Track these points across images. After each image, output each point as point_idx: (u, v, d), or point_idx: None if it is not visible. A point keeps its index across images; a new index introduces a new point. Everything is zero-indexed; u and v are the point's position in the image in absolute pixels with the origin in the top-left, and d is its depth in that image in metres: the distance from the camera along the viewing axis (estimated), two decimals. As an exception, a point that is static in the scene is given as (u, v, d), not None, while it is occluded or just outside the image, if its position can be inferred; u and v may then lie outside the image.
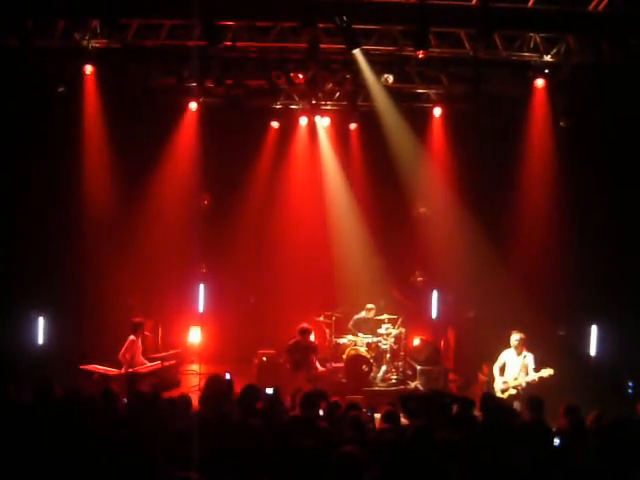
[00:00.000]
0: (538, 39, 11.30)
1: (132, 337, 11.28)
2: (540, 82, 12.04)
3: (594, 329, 12.38)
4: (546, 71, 11.86)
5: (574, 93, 12.15)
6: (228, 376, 8.10)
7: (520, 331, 10.31)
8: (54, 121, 12.17)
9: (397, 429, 6.33)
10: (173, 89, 12.95)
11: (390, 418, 6.67)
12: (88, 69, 11.77)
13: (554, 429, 6.66)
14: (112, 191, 13.24)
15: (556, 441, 6.33)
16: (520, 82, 12.38)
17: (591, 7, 10.13)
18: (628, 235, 12.29)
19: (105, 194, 13.16)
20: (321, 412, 7.12)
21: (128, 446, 5.40)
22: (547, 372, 9.74)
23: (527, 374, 10.00)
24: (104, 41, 11.20)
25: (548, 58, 11.48)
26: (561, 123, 12.51)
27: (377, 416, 7.42)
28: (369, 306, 13.11)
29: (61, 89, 11.91)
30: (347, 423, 6.32)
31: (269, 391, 7.71)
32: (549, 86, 12.11)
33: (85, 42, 11.12)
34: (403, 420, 6.97)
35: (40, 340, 12.38)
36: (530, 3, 10.13)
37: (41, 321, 12.39)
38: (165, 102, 13.34)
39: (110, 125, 12.76)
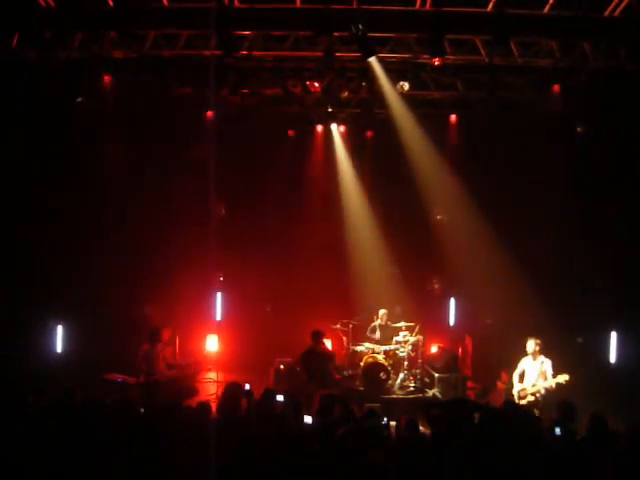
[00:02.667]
0: (554, 45, 11.27)
1: (146, 346, 11.34)
2: (556, 88, 12.00)
3: (614, 336, 12.27)
4: (562, 77, 11.83)
5: (590, 99, 12.09)
6: (248, 386, 8.10)
7: (536, 337, 10.23)
8: (73, 131, 12.30)
9: (417, 437, 6.30)
10: (190, 99, 13.03)
11: (410, 427, 6.64)
12: (107, 79, 11.90)
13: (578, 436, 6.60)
14: (130, 201, 13.35)
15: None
16: (536, 88, 12.37)
17: (607, 12, 10.10)
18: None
19: (124, 204, 13.28)
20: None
21: (147, 454, 5.43)
22: (563, 378, 9.64)
23: (545, 380, 9.92)
24: (121, 52, 11.32)
25: (564, 64, 11.44)
26: (578, 129, 12.44)
27: (392, 424, 7.40)
28: (381, 312, 13.08)
29: (80, 99, 12.04)
30: (365, 430, 6.30)
31: (280, 398, 7.70)
32: (565, 92, 12.07)
33: (103, 53, 11.24)
34: (422, 428, 6.93)
35: (59, 348, 12.47)
36: (546, 9, 10.13)
37: (60, 329, 12.47)
38: (182, 112, 13.42)
39: (127, 135, 12.88)
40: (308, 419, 7.10)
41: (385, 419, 7.22)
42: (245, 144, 14.12)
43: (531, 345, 10.15)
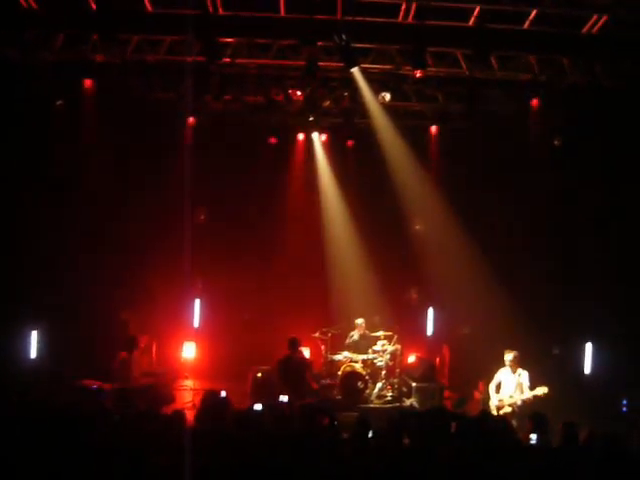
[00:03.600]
0: (533, 60, 11.46)
1: (124, 353, 11.24)
2: (535, 102, 12.20)
3: (589, 347, 12.42)
4: (540, 91, 12.02)
5: (568, 113, 12.28)
6: (224, 394, 8.06)
7: (513, 349, 10.30)
8: (52, 134, 12.18)
9: (398, 446, 6.31)
10: (172, 104, 13.00)
11: (387, 436, 6.64)
12: (87, 83, 11.86)
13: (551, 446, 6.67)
14: (108, 205, 13.24)
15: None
16: (515, 101, 12.56)
17: (585, 29, 10.28)
18: (623, 253, 12.35)
19: (101, 208, 13.16)
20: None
21: (121, 462, 5.38)
22: (542, 390, 9.72)
23: (522, 392, 10.00)
24: (104, 55, 11.26)
25: (542, 78, 11.63)
26: (555, 142, 12.62)
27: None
28: (358, 322, 13.10)
29: (59, 102, 11.96)
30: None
31: (258, 407, 7.68)
32: (543, 106, 12.26)
33: (85, 56, 11.19)
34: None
35: (33, 354, 12.30)
36: (526, 25, 10.28)
37: (34, 335, 12.30)
38: (163, 117, 13.38)
39: (108, 139, 12.80)
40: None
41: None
42: (226, 151, 14.11)
43: (508, 357, 10.22)
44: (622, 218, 12.30)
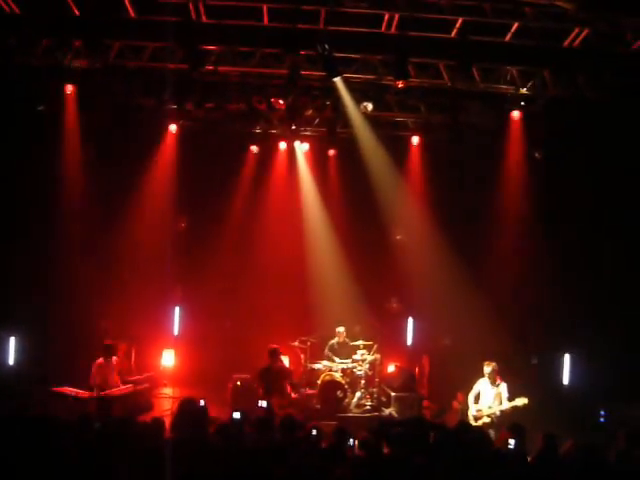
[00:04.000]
0: (515, 72, 11.59)
1: (100, 360, 11.15)
2: (516, 114, 12.39)
3: (567, 358, 12.50)
4: (522, 103, 12.18)
5: (549, 125, 12.41)
6: (202, 402, 8.01)
7: (492, 361, 10.34)
8: (33, 139, 12.09)
9: (375, 456, 6.31)
10: (153, 111, 12.96)
11: (366, 445, 6.64)
12: (69, 88, 11.83)
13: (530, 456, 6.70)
14: (88, 211, 13.15)
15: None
16: (496, 113, 12.69)
17: (567, 42, 10.40)
18: (601, 265, 12.48)
19: (81, 214, 13.08)
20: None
21: (100, 469, 5.33)
22: (522, 401, 9.77)
23: (501, 403, 10.04)
24: (86, 61, 11.21)
25: (524, 91, 11.80)
26: (536, 154, 12.74)
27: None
28: (339, 330, 13.10)
29: (41, 107, 11.88)
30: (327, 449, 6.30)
31: (236, 415, 7.64)
32: (524, 118, 12.39)
33: (67, 61, 11.13)
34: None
35: (11, 361, 12.16)
36: (507, 37, 10.37)
37: (13, 341, 12.17)
38: (145, 124, 13.35)
39: (89, 145, 12.75)
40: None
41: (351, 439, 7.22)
42: (207, 159, 14.07)
43: (487, 369, 10.26)
44: (604, 230, 12.42)
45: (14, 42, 10.59)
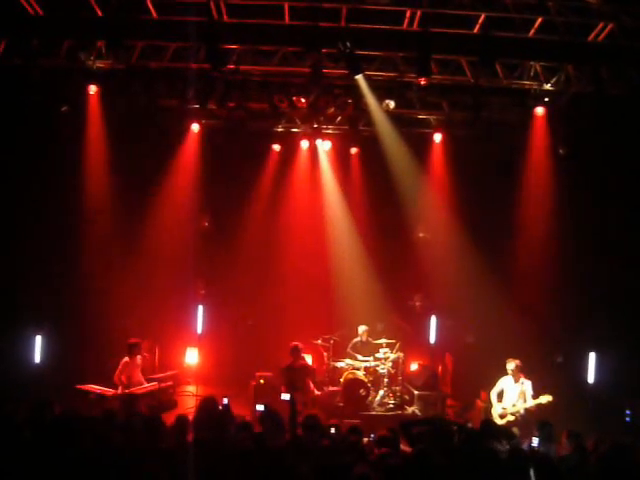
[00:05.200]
0: (538, 68, 11.47)
1: (126, 358, 11.23)
2: (540, 110, 12.24)
3: (592, 356, 12.35)
4: (546, 99, 12.05)
5: (573, 122, 12.26)
6: (226, 400, 8.04)
7: (515, 358, 10.28)
8: (57, 141, 12.24)
9: (396, 453, 6.29)
10: (176, 110, 13.04)
11: (386, 443, 6.62)
12: (92, 89, 11.95)
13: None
14: (112, 211, 13.29)
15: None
16: (520, 110, 12.56)
17: (591, 37, 10.27)
18: (627, 263, 12.31)
19: (105, 214, 13.21)
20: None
21: (125, 466, 5.37)
22: (546, 399, 9.70)
23: (525, 401, 9.96)
24: (109, 62, 11.33)
25: (548, 87, 11.65)
26: (560, 151, 12.59)
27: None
28: (361, 328, 13.07)
29: (64, 109, 11.99)
30: (347, 447, 6.29)
31: (259, 407, 7.67)
32: (549, 114, 12.25)
33: (90, 62, 11.25)
34: (403, 447, 6.93)
35: (37, 359, 12.30)
36: (531, 33, 10.27)
37: (39, 340, 12.31)
38: (168, 123, 13.44)
39: (112, 146, 12.87)
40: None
41: (372, 435, 7.21)
42: (230, 158, 14.11)
43: (511, 366, 10.19)
44: (626, 227, 12.27)
45: (37, 43, 10.68)
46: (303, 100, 12.28)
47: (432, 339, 14.60)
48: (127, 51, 11.06)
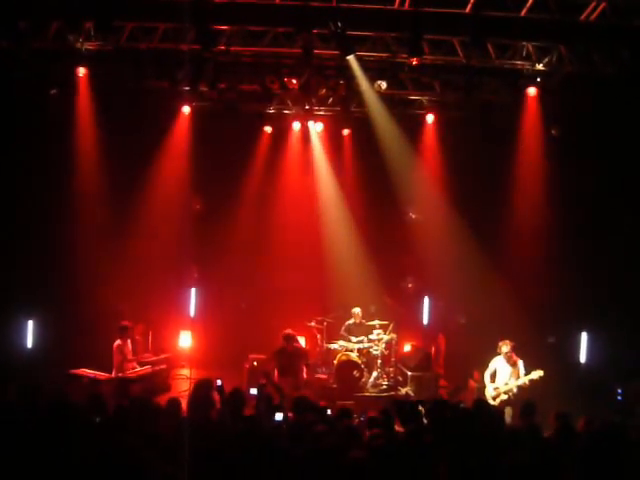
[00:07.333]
0: (530, 48, 11.38)
1: (118, 341, 11.23)
2: (532, 90, 12.17)
3: (584, 336, 12.44)
4: (538, 79, 11.96)
5: (565, 102, 12.21)
6: (219, 382, 8.06)
7: (508, 339, 10.31)
8: (46, 123, 12.11)
9: (387, 434, 6.31)
10: (166, 92, 12.91)
11: (376, 424, 6.65)
12: (81, 71, 11.80)
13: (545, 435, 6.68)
14: (103, 194, 13.20)
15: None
16: (512, 90, 12.49)
17: (583, 17, 10.20)
18: (618, 243, 12.34)
19: (96, 197, 13.13)
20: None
21: (116, 450, 5.36)
22: (537, 374, 9.76)
23: (517, 379, 10.01)
24: (97, 43, 11.21)
25: (540, 67, 11.57)
26: (552, 131, 12.57)
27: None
28: (355, 310, 13.10)
29: (53, 91, 11.87)
30: (340, 430, 6.30)
31: (253, 391, 7.67)
32: (541, 94, 12.20)
33: (78, 44, 11.13)
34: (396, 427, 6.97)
35: (29, 344, 12.29)
36: (523, 12, 10.19)
37: (30, 324, 12.29)
38: (158, 105, 13.30)
39: (102, 128, 12.76)
40: (279, 416, 7.09)
41: (363, 417, 7.24)
42: (221, 139, 14.02)
43: (505, 348, 10.22)
44: (620, 207, 12.28)
45: (25, 25, 10.53)
46: (294, 81, 12.20)
47: (425, 320, 14.69)
48: (116, 32, 10.91)
